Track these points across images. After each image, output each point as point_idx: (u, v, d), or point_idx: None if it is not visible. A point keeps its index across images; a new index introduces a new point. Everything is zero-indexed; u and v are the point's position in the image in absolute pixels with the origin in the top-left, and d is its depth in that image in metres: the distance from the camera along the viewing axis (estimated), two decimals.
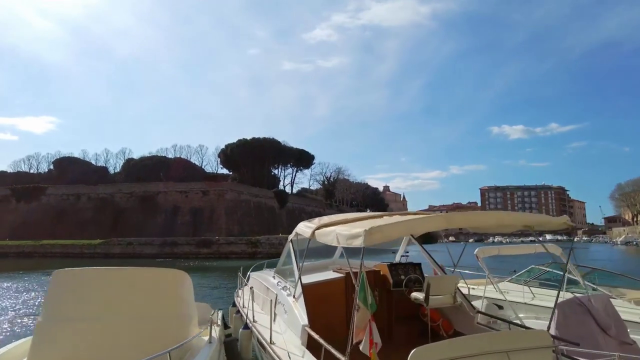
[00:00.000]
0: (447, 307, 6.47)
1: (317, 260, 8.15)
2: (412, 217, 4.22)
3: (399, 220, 4.07)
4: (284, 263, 7.37)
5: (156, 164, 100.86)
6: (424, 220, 4.19)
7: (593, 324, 5.71)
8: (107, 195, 68.95)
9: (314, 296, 6.16)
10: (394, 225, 4.00)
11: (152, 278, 5.29)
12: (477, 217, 4.59)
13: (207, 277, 28.85)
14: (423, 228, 4.41)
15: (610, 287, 9.80)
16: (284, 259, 7.37)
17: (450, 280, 6.41)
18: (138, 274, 5.29)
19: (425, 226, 4.35)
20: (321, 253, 8.19)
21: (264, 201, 74.45)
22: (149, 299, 4.92)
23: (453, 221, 4.24)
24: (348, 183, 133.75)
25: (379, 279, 6.93)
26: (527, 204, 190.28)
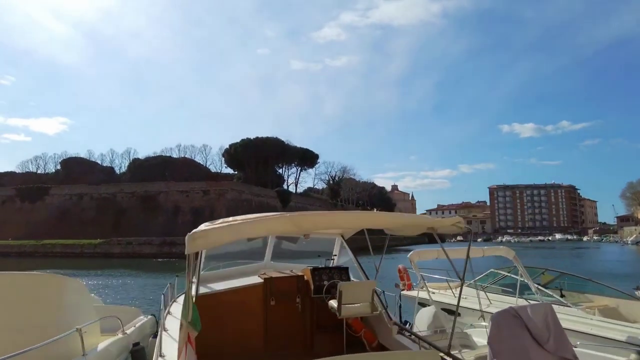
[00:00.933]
0: (372, 317, 5.92)
1: (252, 263, 7.61)
2: (248, 219, 3.59)
3: (230, 224, 3.46)
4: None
5: (161, 164, 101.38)
6: (262, 222, 3.58)
7: (528, 337, 5.13)
8: (109, 195, 69.19)
9: (221, 305, 5.72)
10: (221, 229, 3.38)
11: (9, 284, 4.79)
12: (326, 219, 3.86)
13: None
14: (261, 231, 3.76)
15: (579, 293, 9.17)
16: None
17: (366, 287, 5.84)
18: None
19: (263, 229, 3.70)
20: (254, 255, 7.67)
21: (266, 200, 74.10)
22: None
23: (299, 223, 3.60)
24: (354, 182, 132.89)
25: (303, 284, 6.40)
26: (537, 203, 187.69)
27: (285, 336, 6.07)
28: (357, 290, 5.87)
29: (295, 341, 6.08)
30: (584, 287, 9.26)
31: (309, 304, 6.25)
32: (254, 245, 7.82)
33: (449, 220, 4.14)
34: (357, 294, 5.86)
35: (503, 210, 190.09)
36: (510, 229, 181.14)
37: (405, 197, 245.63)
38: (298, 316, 6.25)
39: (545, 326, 5.38)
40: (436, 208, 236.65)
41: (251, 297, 6.15)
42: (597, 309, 7.88)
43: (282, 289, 6.24)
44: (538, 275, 10.11)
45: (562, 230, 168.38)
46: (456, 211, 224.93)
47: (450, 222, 4.15)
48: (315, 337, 6.13)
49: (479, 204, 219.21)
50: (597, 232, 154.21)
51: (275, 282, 6.28)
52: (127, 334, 6.54)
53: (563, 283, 9.67)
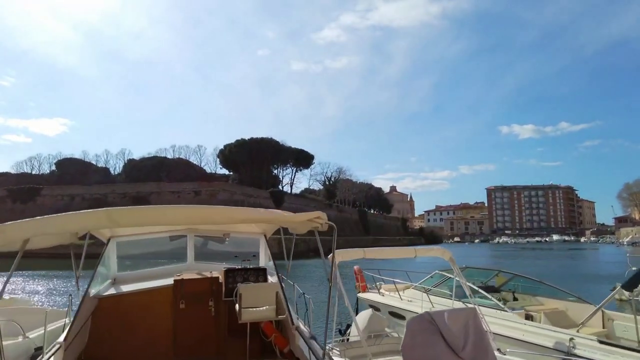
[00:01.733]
0: (285, 322, 5.62)
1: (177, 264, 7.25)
2: (61, 214, 3.22)
3: (36, 219, 3.10)
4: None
5: (156, 165, 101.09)
6: (74, 217, 3.21)
7: (442, 344, 4.82)
8: (101, 195, 68.80)
9: (130, 307, 5.47)
10: (21, 225, 3.00)
11: None
12: (146, 213, 3.36)
13: None
14: (73, 226, 3.31)
15: (531, 296, 8.86)
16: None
17: (269, 289, 5.50)
18: None
19: (75, 224, 3.27)
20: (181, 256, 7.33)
21: (259, 201, 73.65)
22: None
23: (116, 218, 3.22)
24: (350, 183, 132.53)
25: (217, 287, 6.07)
26: (535, 204, 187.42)
27: (196, 341, 5.76)
28: (259, 293, 5.53)
29: (206, 346, 5.77)
30: (537, 289, 8.96)
31: (222, 307, 5.93)
32: (179, 245, 7.48)
33: (303, 215, 3.71)
34: (259, 297, 5.52)
35: (501, 211, 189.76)
36: (508, 230, 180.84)
37: (403, 198, 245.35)
38: (211, 320, 5.92)
39: (464, 332, 5.05)
40: (434, 209, 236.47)
41: (161, 299, 5.84)
42: (544, 313, 7.56)
43: (194, 291, 5.91)
44: (492, 277, 9.80)
45: (559, 231, 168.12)
46: (454, 212, 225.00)
47: (306, 217, 3.70)
48: (227, 342, 5.82)
49: (478, 205, 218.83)
50: (594, 233, 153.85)
51: (186, 284, 5.94)
52: (28, 339, 6.20)
53: (517, 285, 9.36)
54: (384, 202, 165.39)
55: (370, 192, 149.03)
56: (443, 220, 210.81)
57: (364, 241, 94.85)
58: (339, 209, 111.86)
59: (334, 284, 5.24)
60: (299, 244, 34.72)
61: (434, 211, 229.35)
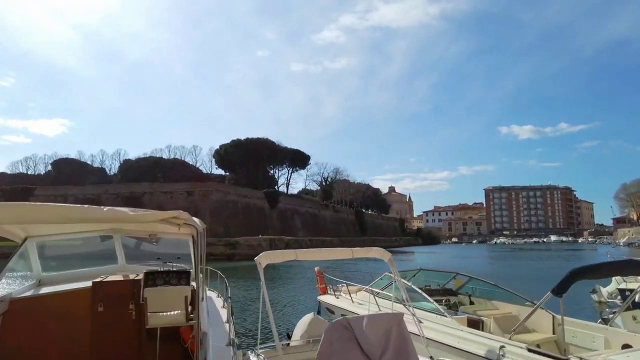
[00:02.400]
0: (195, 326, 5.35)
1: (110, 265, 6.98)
2: None
3: None
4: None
5: (152, 165, 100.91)
6: None
7: (357, 351, 4.57)
8: (94, 196, 68.59)
9: (45, 310, 5.21)
10: None
11: None
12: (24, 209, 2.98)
13: None
14: None
15: (487, 300, 8.59)
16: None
17: (177, 293, 5.24)
18: None
19: None
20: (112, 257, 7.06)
21: (253, 202, 73.49)
22: None
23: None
24: (347, 183, 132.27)
25: (139, 289, 5.81)
26: (533, 205, 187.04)
27: (114, 346, 5.49)
28: (166, 296, 5.28)
29: (123, 351, 5.52)
30: (493, 293, 8.69)
31: (144, 310, 5.68)
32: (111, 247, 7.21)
33: (154, 214, 3.16)
34: (167, 301, 5.26)
35: (499, 211, 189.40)
36: (506, 231, 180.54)
37: (402, 198, 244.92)
38: (131, 324, 5.66)
39: (385, 339, 4.79)
40: (432, 209, 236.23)
41: (78, 302, 5.58)
42: (494, 318, 7.29)
43: (113, 293, 5.65)
44: (450, 280, 9.54)
45: (558, 232, 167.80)
46: (453, 213, 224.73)
47: (159, 217, 3.15)
48: (147, 347, 5.55)
49: (476, 206, 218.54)
50: (592, 234, 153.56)
51: (106, 286, 5.69)
52: None
53: (475, 289, 9.10)
54: (381, 203, 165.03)
55: (368, 193, 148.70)
56: (442, 220, 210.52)
57: (359, 242, 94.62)
58: (335, 210, 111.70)
59: (263, 287, 5.00)
60: (290, 244, 33.95)
61: (433, 212, 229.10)
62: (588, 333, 6.43)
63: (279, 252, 6.32)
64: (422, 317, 6.64)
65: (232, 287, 23.32)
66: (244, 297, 19.96)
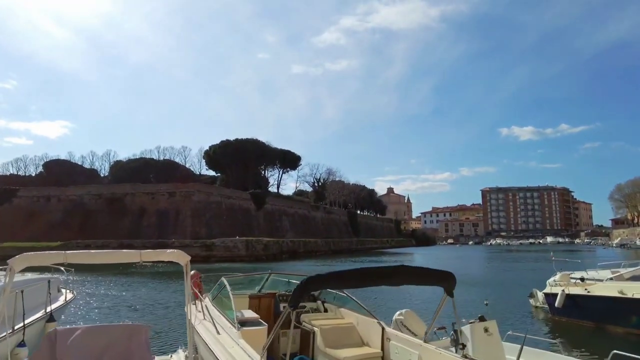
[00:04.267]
0: None
1: None
2: None
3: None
4: None
5: (142, 166, 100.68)
6: None
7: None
8: (77, 197, 68.10)
9: None
10: None
11: None
12: None
13: (137, 286, 26.54)
14: None
15: (337, 307, 7.86)
16: None
17: None
18: None
19: None
20: None
21: (238, 203, 72.85)
22: None
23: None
24: (341, 184, 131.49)
25: None
26: (530, 206, 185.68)
27: None
28: None
29: None
30: (345, 300, 8.01)
31: None
32: None
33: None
34: None
35: (496, 212, 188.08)
36: (503, 232, 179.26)
37: (400, 199, 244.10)
38: None
39: (102, 353, 4.22)
40: (431, 211, 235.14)
41: None
42: (321, 329, 6.60)
43: None
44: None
45: (555, 233, 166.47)
46: (450, 214, 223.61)
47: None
48: None
49: (474, 207, 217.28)
50: (588, 235, 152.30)
51: None
52: None
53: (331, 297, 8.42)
54: (377, 204, 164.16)
55: (363, 194, 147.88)
56: (439, 222, 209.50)
57: (349, 243, 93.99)
58: (327, 211, 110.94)
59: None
60: (270, 245, 33.30)
61: (431, 213, 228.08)
62: (406, 349, 5.75)
63: (42, 254, 5.62)
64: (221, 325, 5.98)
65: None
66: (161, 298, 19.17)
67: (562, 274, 13.91)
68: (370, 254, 77.86)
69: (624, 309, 10.70)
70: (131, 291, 22.14)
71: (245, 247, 49.93)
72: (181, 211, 62.73)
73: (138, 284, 25.21)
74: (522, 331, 9.96)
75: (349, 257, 61.26)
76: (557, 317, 12.86)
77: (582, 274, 13.69)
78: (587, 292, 11.81)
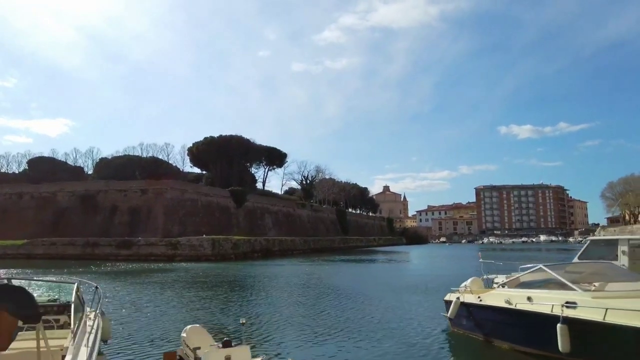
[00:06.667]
0: None
1: None
2: None
3: None
4: None
5: (127, 163, 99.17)
6: None
7: None
8: (49, 194, 66.63)
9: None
10: None
11: None
12: None
13: None
14: None
15: None
16: None
17: None
18: None
19: None
20: None
21: (216, 200, 71.23)
22: None
23: None
24: (330, 182, 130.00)
25: None
26: (524, 204, 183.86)
27: None
28: None
29: None
30: None
31: None
32: None
33: None
34: None
35: (490, 211, 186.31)
36: (497, 230, 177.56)
37: (396, 198, 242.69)
38: None
39: None
40: (426, 209, 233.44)
41: None
42: None
43: None
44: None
45: (549, 231, 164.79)
46: (446, 212, 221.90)
47: None
48: None
49: (470, 205, 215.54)
50: (582, 234, 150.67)
51: None
52: None
53: None
54: (369, 202, 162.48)
55: (354, 192, 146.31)
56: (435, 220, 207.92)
57: (331, 241, 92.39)
58: (314, 209, 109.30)
59: None
60: (240, 244, 31.46)
61: (426, 211, 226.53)
62: None
63: None
64: None
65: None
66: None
67: (473, 278, 12.23)
68: (352, 252, 76.34)
69: (509, 322, 9.12)
70: None
71: (210, 245, 48.34)
72: (153, 208, 61.21)
73: None
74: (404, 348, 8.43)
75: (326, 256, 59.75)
76: (456, 329, 11.29)
77: (503, 278, 12.09)
78: (479, 300, 10.23)
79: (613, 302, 7.07)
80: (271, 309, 15.51)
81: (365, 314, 14.52)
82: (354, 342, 10.67)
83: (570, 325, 7.28)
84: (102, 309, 7.92)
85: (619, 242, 12.17)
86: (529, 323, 8.47)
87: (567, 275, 8.60)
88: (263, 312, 14.98)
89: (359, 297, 18.57)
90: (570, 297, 7.77)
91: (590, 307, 7.22)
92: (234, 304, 17.20)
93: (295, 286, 23.93)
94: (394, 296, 18.58)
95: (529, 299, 8.61)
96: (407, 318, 13.67)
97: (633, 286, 7.81)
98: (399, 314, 14.38)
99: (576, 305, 7.52)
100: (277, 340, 10.87)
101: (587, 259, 12.25)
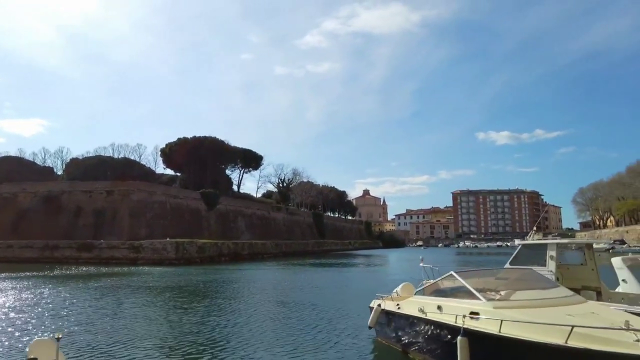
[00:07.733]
0: None
1: None
2: None
3: None
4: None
5: (99, 164, 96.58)
6: None
7: None
8: (10, 195, 64.12)
9: None
10: None
11: None
12: None
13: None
14: None
15: None
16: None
17: None
18: None
19: None
20: None
21: (186, 202, 69.73)
22: None
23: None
24: (308, 185, 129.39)
25: None
26: (500, 209, 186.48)
27: None
28: None
29: None
30: None
31: None
32: None
33: None
34: None
35: (466, 215, 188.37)
36: (473, 234, 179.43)
37: (376, 201, 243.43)
38: None
39: None
40: (405, 213, 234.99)
41: None
42: None
43: None
44: None
45: (524, 235, 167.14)
46: (424, 216, 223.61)
47: None
48: None
49: (448, 209, 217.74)
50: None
51: None
52: None
53: None
54: (346, 205, 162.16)
55: (331, 195, 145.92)
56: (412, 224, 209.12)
57: (304, 245, 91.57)
58: (290, 212, 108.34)
59: None
60: (206, 248, 30.09)
61: (405, 215, 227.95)
62: None
63: None
64: None
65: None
66: None
67: (404, 284, 11.61)
68: (325, 256, 75.64)
69: (422, 332, 8.55)
70: None
71: (174, 249, 47.04)
72: (119, 210, 59.46)
73: None
74: None
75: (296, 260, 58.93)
76: (380, 339, 10.69)
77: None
78: (398, 308, 9.66)
79: (510, 313, 6.56)
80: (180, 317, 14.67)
81: (294, 322, 13.82)
82: (269, 353, 9.95)
83: (470, 337, 6.74)
84: None
85: (548, 247, 11.77)
86: (437, 335, 7.93)
87: (476, 282, 8.08)
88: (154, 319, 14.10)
89: (296, 304, 17.77)
90: (475, 307, 7.24)
91: (490, 319, 6.70)
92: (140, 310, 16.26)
93: (232, 291, 23.00)
94: (333, 303, 17.89)
95: (439, 308, 8.06)
96: (336, 327, 13.01)
97: (537, 294, 7.32)
98: (333, 322, 13.71)
99: (479, 316, 6.99)
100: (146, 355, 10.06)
101: (518, 264, 11.83)
